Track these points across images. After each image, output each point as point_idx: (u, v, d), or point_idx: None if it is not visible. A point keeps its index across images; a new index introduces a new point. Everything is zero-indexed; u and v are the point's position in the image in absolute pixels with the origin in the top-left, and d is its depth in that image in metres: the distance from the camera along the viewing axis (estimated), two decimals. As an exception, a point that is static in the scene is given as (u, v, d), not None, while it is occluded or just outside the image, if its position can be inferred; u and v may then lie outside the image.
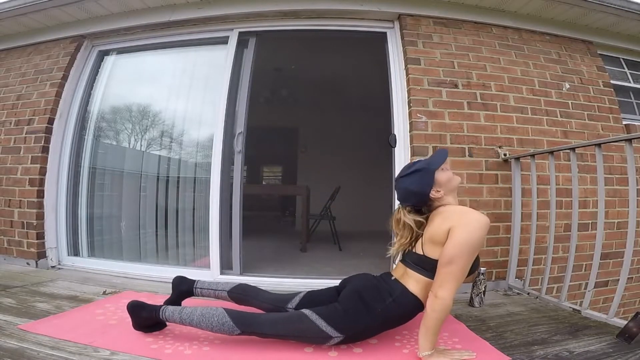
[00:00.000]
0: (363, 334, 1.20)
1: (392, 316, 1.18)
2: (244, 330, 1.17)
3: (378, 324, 1.18)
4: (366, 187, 5.20)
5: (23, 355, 1.07)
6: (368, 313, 1.16)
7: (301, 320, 1.17)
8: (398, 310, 1.18)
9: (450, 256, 1.07)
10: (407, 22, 2.29)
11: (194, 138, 2.49)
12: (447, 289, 1.06)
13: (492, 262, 2.05)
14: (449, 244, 1.09)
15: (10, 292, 1.73)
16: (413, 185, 1.23)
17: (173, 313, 1.23)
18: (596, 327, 1.43)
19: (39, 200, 2.38)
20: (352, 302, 1.18)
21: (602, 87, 2.46)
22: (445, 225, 1.12)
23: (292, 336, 1.19)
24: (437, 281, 1.08)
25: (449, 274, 1.06)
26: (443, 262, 1.08)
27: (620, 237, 2.15)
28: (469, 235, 1.07)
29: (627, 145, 1.44)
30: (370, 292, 1.20)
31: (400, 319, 1.21)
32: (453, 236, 1.09)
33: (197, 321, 1.19)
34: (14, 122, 2.52)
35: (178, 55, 2.66)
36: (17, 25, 2.68)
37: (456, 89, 2.18)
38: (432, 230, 1.18)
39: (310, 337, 1.18)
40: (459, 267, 1.06)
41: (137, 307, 1.27)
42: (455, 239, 1.08)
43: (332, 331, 1.14)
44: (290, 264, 2.77)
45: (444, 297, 1.05)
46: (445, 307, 1.06)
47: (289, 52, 3.63)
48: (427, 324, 1.08)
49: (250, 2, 2.32)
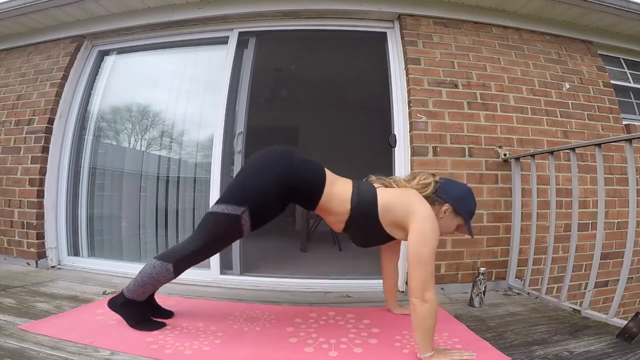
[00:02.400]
0: (263, 199, 1.18)
1: (292, 181, 1.19)
2: (174, 262, 1.23)
3: (275, 188, 1.17)
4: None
5: (23, 355, 1.07)
6: (259, 175, 1.18)
7: (209, 219, 1.22)
8: (298, 174, 1.20)
9: (420, 254, 1.10)
10: (407, 22, 2.29)
11: (194, 138, 2.49)
12: (431, 289, 1.08)
13: (492, 262, 2.05)
14: (413, 241, 1.12)
15: (10, 292, 1.73)
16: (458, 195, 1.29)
17: (129, 285, 1.29)
18: (596, 327, 1.43)
19: (39, 200, 2.38)
20: (242, 171, 1.23)
21: (602, 87, 2.46)
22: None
23: (213, 240, 1.22)
24: (419, 284, 1.08)
25: (429, 274, 1.09)
26: (416, 262, 1.09)
27: (620, 237, 2.15)
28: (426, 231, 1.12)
29: (627, 145, 1.44)
30: (262, 158, 1.23)
31: (304, 183, 1.21)
32: (414, 234, 1.13)
33: (139, 279, 1.26)
34: (14, 122, 2.52)
35: (178, 55, 2.66)
36: (17, 25, 2.68)
37: (456, 89, 2.18)
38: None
39: (227, 230, 1.20)
40: (430, 264, 1.10)
41: (112, 302, 1.32)
42: (417, 236, 1.12)
43: (235, 208, 1.16)
44: (290, 264, 2.77)
45: (432, 299, 1.08)
46: (435, 306, 1.09)
47: (289, 52, 3.63)
48: (424, 327, 1.08)
49: (250, 2, 2.32)
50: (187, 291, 1.89)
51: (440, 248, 2.00)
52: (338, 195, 1.24)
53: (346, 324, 1.44)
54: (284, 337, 1.29)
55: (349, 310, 1.61)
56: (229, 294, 1.90)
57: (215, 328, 1.35)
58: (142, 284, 1.27)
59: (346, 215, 1.24)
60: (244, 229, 1.21)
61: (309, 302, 1.77)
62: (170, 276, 1.26)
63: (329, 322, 1.47)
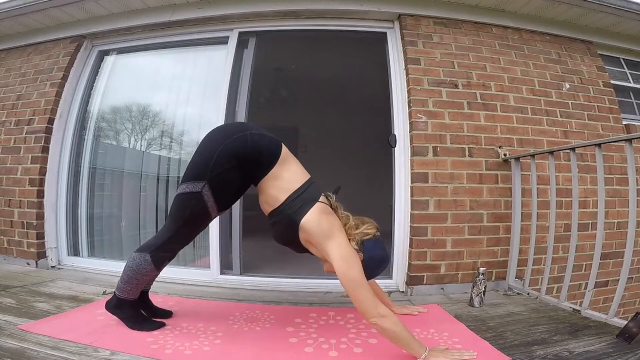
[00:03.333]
0: (220, 171, 1.20)
1: (247, 152, 1.21)
2: (150, 252, 1.25)
3: (230, 158, 1.20)
4: (366, 187, 5.19)
5: (23, 355, 1.07)
6: (215, 146, 1.21)
7: (175, 203, 1.25)
8: (252, 145, 1.22)
9: (352, 278, 1.10)
10: (407, 22, 2.29)
11: (194, 138, 2.49)
12: (378, 303, 1.09)
13: (492, 262, 2.05)
14: (340, 270, 1.12)
15: (10, 292, 1.73)
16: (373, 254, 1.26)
17: (117, 284, 1.32)
18: (596, 327, 1.43)
19: (39, 200, 2.38)
20: (199, 148, 1.27)
21: (602, 87, 2.46)
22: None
23: (184, 223, 1.25)
24: (367, 304, 1.08)
25: (369, 291, 1.10)
26: (353, 286, 1.10)
27: (620, 237, 2.15)
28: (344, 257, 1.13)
29: (627, 145, 1.44)
30: (217, 132, 1.29)
31: (258, 153, 1.23)
32: (337, 262, 1.13)
33: (124, 275, 1.29)
34: (14, 122, 2.52)
35: (178, 55, 2.66)
36: (17, 25, 2.68)
37: (456, 89, 2.18)
38: None
39: (192, 210, 1.22)
40: (365, 282, 1.11)
41: (107, 304, 1.34)
42: (341, 264, 1.12)
43: (195, 185, 1.20)
44: (290, 264, 2.77)
45: (385, 310, 1.09)
46: (393, 315, 1.10)
47: (289, 52, 3.63)
48: (402, 337, 1.08)
49: (250, 2, 2.32)
50: (187, 291, 1.89)
51: (440, 248, 2.00)
52: (285, 181, 1.24)
53: (346, 324, 1.44)
54: (284, 337, 1.29)
55: (349, 310, 1.61)
56: (229, 294, 1.90)
57: (215, 328, 1.35)
58: (128, 280, 1.28)
59: (277, 203, 1.23)
60: (209, 207, 1.22)
61: (309, 302, 1.78)
62: (151, 268, 1.27)
63: (329, 322, 1.47)
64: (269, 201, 1.27)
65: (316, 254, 1.26)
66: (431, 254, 1.99)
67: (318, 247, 1.19)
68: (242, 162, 1.22)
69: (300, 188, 1.24)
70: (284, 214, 1.22)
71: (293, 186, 1.24)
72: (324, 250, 1.17)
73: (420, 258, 1.98)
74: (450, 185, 2.05)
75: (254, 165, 1.24)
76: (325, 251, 1.16)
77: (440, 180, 2.04)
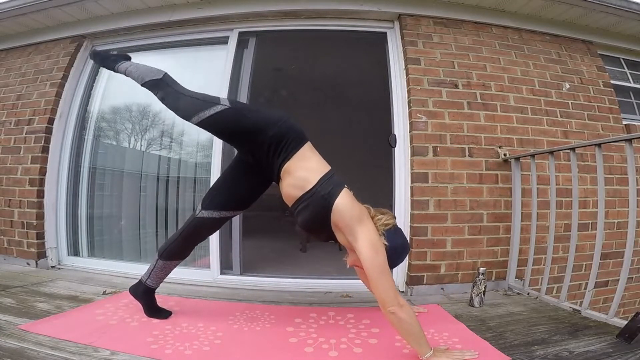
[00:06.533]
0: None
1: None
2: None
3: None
4: (366, 187, 5.19)
5: (23, 355, 1.07)
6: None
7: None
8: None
9: (377, 264, 1.12)
10: (407, 22, 2.29)
11: (194, 138, 2.49)
12: (398, 293, 1.11)
13: (492, 262, 2.05)
14: (366, 254, 1.13)
15: (10, 292, 1.73)
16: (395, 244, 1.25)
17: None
18: (596, 327, 1.43)
19: (39, 200, 2.38)
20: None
21: (602, 87, 2.46)
22: None
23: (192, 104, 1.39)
24: (388, 292, 1.09)
25: (392, 280, 1.13)
26: (377, 272, 1.11)
27: (620, 237, 2.15)
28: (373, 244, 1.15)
29: (627, 145, 1.44)
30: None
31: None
32: (364, 247, 1.14)
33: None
34: (14, 122, 2.52)
35: (178, 55, 2.66)
36: (17, 25, 2.67)
37: (456, 89, 2.18)
38: None
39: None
40: (388, 270, 1.14)
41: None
42: (368, 249, 1.14)
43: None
44: (290, 264, 2.78)
45: (404, 301, 1.10)
46: (410, 308, 1.11)
47: (289, 52, 3.63)
48: (414, 331, 1.09)
49: (250, 2, 2.32)
50: (187, 291, 1.89)
51: (441, 248, 2.00)
52: (314, 162, 1.28)
53: (346, 324, 1.44)
54: (284, 337, 1.29)
55: (349, 310, 1.61)
56: (229, 294, 1.90)
57: (215, 328, 1.35)
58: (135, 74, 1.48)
59: (309, 185, 1.22)
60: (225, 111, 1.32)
61: (309, 302, 1.77)
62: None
63: (329, 322, 1.47)
64: (298, 184, 1.24)
65: (342, 241, 1.24)
66: (431, 254, 1.99)
67: (346, 231, 1.18)
68: (273, 140, 1.25)
69: (330, 172, 1.26)
70: (317, 195, 1.20)
71: (323, 169, 1.26)
72: (352, 234, 1.16)
73: (420, 258, 1.98)
74: (450, 185, 2.05)
75: (284, 141, 1.26)
76: (354, 235, 1.16)
77: (440, 180, 2.04)
